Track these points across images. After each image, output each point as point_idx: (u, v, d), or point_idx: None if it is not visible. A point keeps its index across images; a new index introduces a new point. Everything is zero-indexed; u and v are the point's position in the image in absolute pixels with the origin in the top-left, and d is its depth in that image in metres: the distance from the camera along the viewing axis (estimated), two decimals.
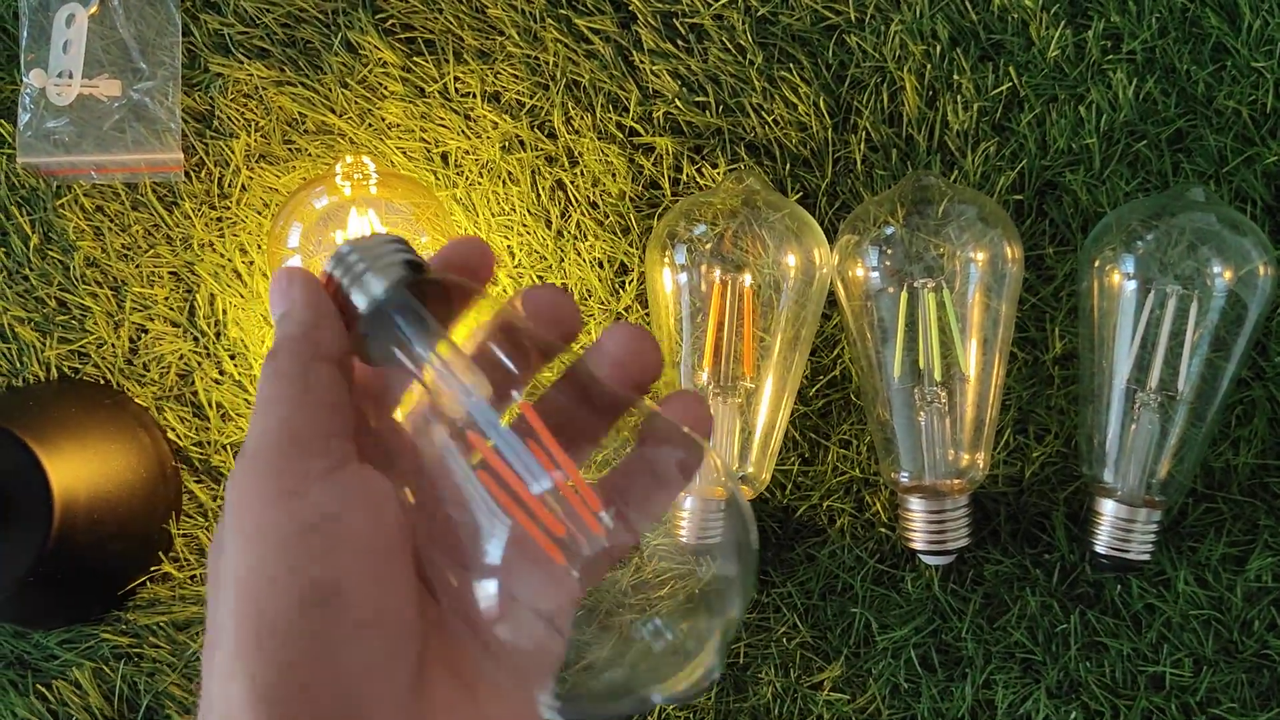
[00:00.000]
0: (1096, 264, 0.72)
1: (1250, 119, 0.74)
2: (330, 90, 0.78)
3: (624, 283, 0.76)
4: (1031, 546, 0.74)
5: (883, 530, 0.75)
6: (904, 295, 0.70)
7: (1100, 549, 0.72)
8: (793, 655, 0.74)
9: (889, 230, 0.71)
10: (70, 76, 0.76)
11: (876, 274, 0.71)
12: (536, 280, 0.76)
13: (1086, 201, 0.75)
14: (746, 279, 0.71)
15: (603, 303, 0.76)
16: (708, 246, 0.71)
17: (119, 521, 0.72)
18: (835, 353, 0.75)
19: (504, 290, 0.76)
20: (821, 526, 0.75)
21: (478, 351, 0.41)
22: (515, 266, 0.76)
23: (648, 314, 0.75)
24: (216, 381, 0.77)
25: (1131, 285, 0.70)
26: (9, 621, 0.76)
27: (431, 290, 0.40)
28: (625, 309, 0.76)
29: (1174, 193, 0.72)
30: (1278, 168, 0.74)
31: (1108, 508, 0.71)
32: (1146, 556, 0.71)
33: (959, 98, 0.75)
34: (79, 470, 0.69)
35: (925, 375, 0.71)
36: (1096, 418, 0.72)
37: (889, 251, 0.71)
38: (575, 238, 0.76)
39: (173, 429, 0.77)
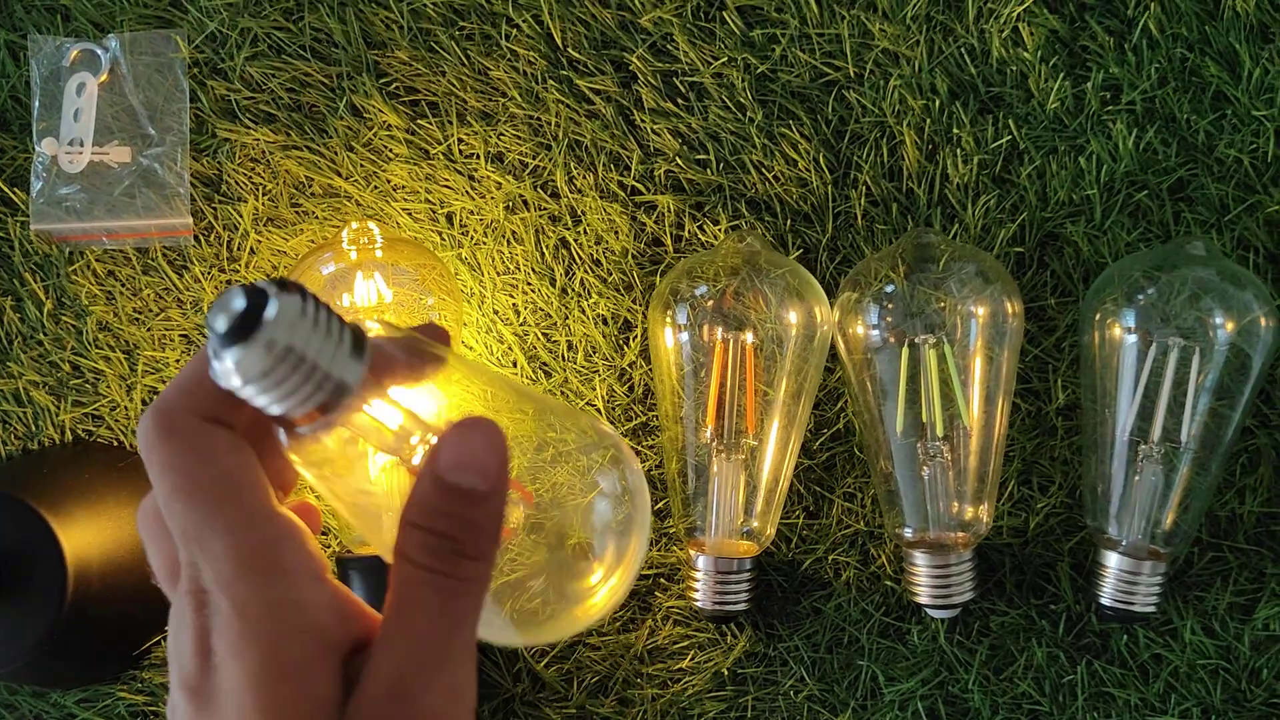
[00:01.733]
0: (1098, 316, 0.72)
1: (1251, 167, 0.74)
2: (336, 153, 0.79)
3: (627, 339, 0.77)
4: (1037, 597, 0.75)
5: (888, 583, 0.75)
6: (905, 351, 0.71)
7: (1105, 601, 0.72)
8: (800, 708, 0.75)
9: (889, 287, 0.72)
10: (81, 144, 0.78)
11: (877, 330, 0.71)
12: (541, 338, 0.77)
13: (1088, 252, 0.75)
14: (749, 337, 0.71)
15: (607, 359, 0.77)
16: (709, 304, 0.72)
17: (133, 583, 0.73)
18: (838, 406, 0.76)
19: (506, 348, 0.77)
20: (827, 579, 0.76)
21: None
22: (521, 324, 0.77)
23: (650, 370, 0.75)
24: None
25: (1133, 338, 0.71)
26: (27, 683, 0.77)
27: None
28: (630, 365, 0.77)
29: (1174, 246, 0.73)
30: (1279, 217, 0.74)
31: (1112, 560, 0.71)
32: (1152, 608, 0.71)
33: (959, 151, 0.76)
34: (92, 536, 0.70)
35: (928, 430, 0.71)
36: (1100, 469, 0.72)
37: (889, 307, 0.71)
38: (579, 295, 0.77)
39: None
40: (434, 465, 0.39)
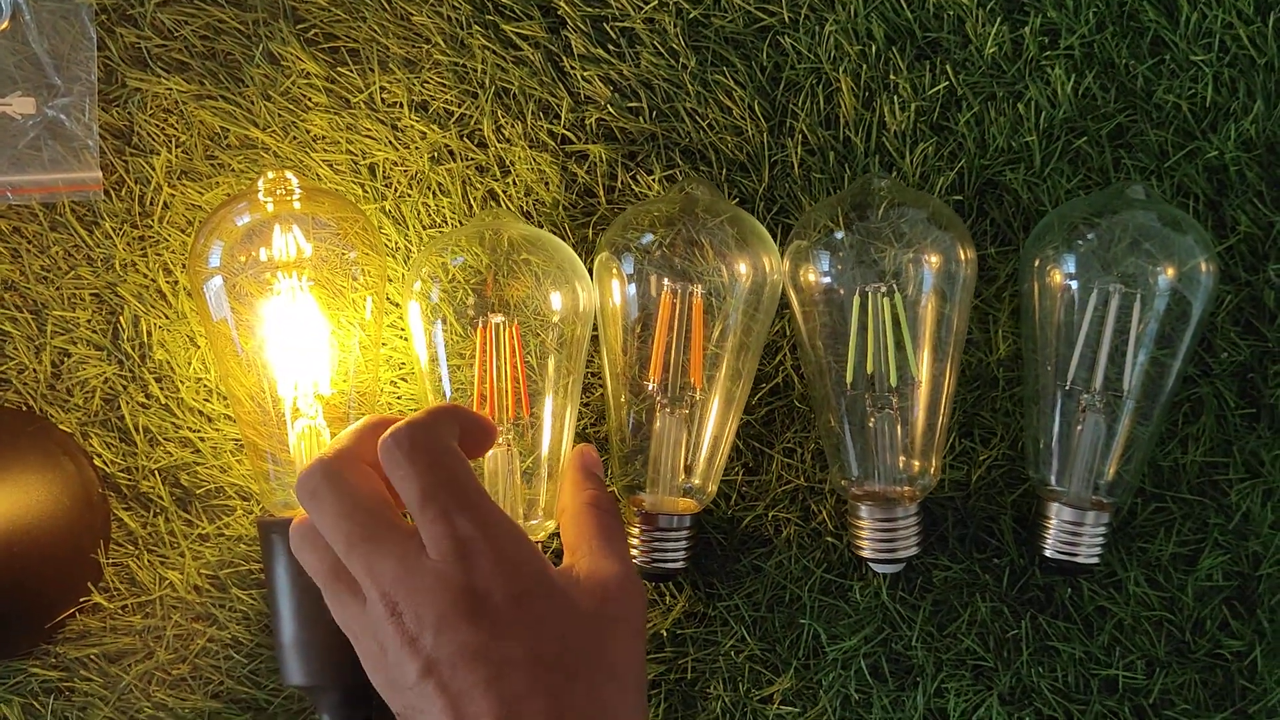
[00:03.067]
0: (1038, 264, 0.71)
1: (1190, 113, 0.73)
2: (253, 103, 0.75)
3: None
4: (980, 551, 0.73)
5: (830, 539, 0.73)
6: (856, 300, 0.69)
7: (1049, 553, 0.71)
8: (741, 669, 0.73)
9: (839, 235, 0.70)
10: None
11: (828, 279, 0.70)
12: (471, 293, 0.74)
13: (1028, 200, 0.74)
14: (696, 288, 0.69)
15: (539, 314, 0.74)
16: (656, 255, 0.70)
17: (45, 552, 0.70)
18: (777, 359, 0.74)
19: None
20: (768, 537, 0.74)
21: None
22: (450, 282, 0.74)
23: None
24: (143, 405, 0.75)
25: (1073, 285, 0.69)
26: None
27: None
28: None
29: (1115, 190, 0.72)
30: (1218, 162, 0.73)
31: (1055, 511, 0.70)
32: (1096, 559, 0.70)
33: (896, 98, 0.74)
34: (2, 501, 0.67)
35: (877, 381, 0.69)
36: (1042, 420, 0.71)
37: (840, 256, 0.70)
38: (509, 250, 0.75)
39: (99, 455, 0.75)
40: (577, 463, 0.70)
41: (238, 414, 0.71)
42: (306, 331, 0.69)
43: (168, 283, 0.75)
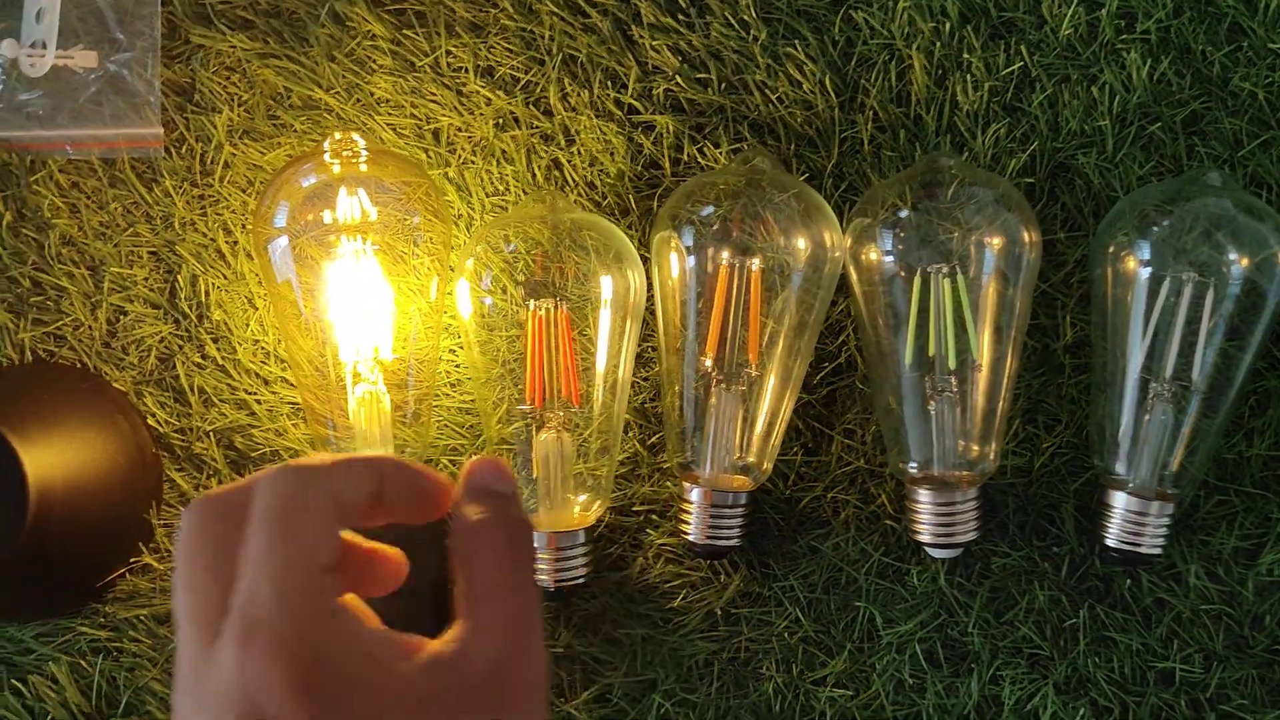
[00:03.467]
0: (1110, 250, 0.69)
1: (1266, 101, 0.72)
2: (317, 64, 0.74)
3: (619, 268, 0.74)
4: (1040, 539, 0.72)
5: (888, 522, 0.73)
6: (917, 280, 0.68)
7: (1111, 542, 0.70)
8: (795, 650, 0.72)
9: (903, 213, 0.69)
10: (44, 47, 0.73)
11: (890, 258, 0.69)
12: (532, 265, 0.73)
13: (1099, 185, 0.73)
14: (755, 263, 0.68)
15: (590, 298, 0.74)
16: (714, 228, 0.69)
17: (97, 511, 0.69)
18: (840, 339, 0.73)
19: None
20: (825, 518, 0.73)
21: None
22: (510, 251, 0.73)
23: (651, 296, 0.72)
24: (199, 366, 0.74)
25: (1146, 272, 0.68)
26: None
27: None
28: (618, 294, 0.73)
29: (1189, 177, 0.70)
30: None
31: (1119, 500, 0.69)
32: (1158, 550, 0.69)
33: (969, 77, 0.73)
34: (55, 458, 0.66)
35: (937, 363, 0.68)
36: (1108, 408, 0.70)
37: (903, 235, 0.69)
38: (563, 233, 0.74)
39: (153, 415, 0.74)
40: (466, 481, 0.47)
41: (297, 378, 0.70)
42: (369, 296, 0.68)
43: (227, 243, 0.74)
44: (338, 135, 0.68)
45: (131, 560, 0.73)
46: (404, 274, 0.70)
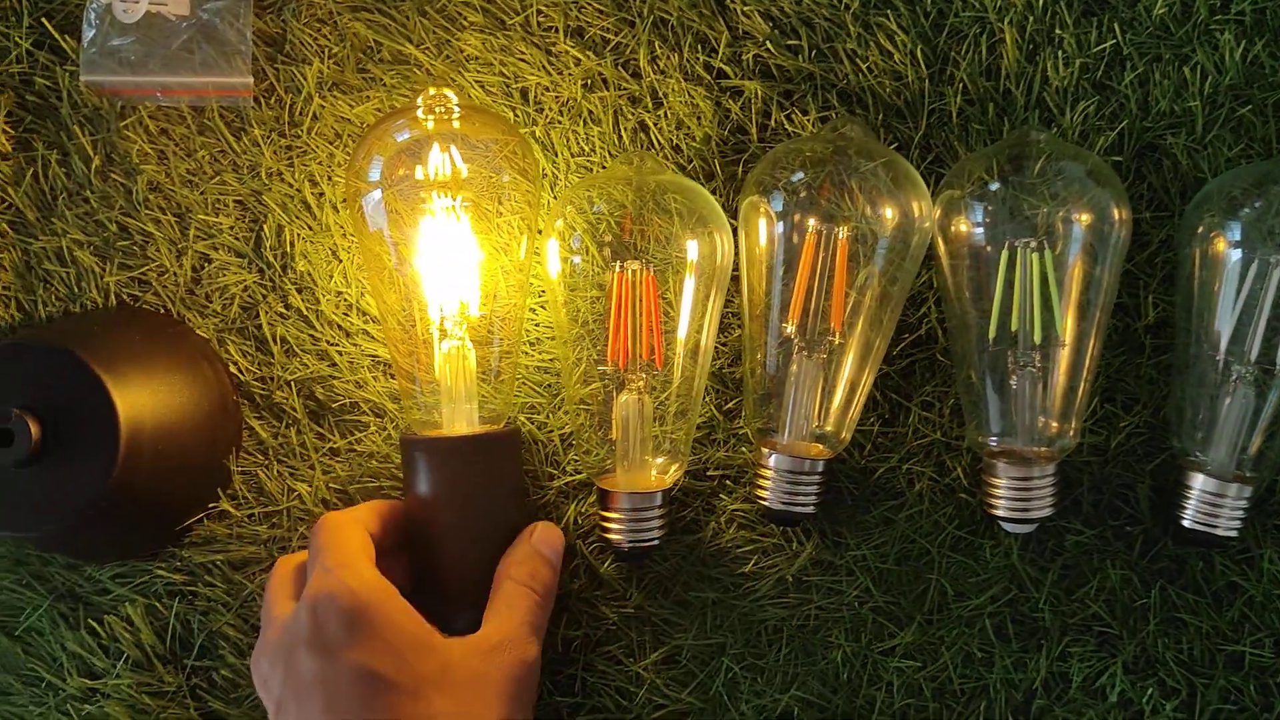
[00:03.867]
0: (1199, 231, 0.69)
1: None
2: (408, 18, 0.75)
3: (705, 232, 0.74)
4: (1114, 518, 0.72)
5: (963, 496, 0.73)
6: (1004, 254, 0.68)
7: (1187, 523, 0.70)
8: (864, 620, 0.73)
9: (993, 185, 0.69)
10: None
11: (980, 230, 0.68)
12: (614, 226, 0.73)
13: (1186, 166, 0.72)
14: (842, 231, 0.68)
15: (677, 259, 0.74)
16: (802, 195, 0.69)
17: (180, 456, 0.70)
18: (921, 311, 0.73)
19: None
20: (900, 490, 0.73)
21: None
22: (594, 212, 0.73)
23: (736, 261, 0.72)
24: (281, 315, 0.75)
25: (1235, 254, 0.68)
26: (63, 553, 0.74)
27: None
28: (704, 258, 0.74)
29: (1279, 160, 0.70)
30: None
31: (1197, 481, 0.69)
32: (1234, 533, 0.69)
33: (1060, 53, 0.73)
34: (145, 400, 0.67)
35: (1020, 338, 0.68)
36: (1189, 389, 0.69)
37: (992, 208, 0.68)
38: (651, 194, 0.74)
39: (234, 362, 0.75)
40: (533, 536, 0.69)
41: (384, 332, 0.70)
42: (458, 252, 0.68)
43: (313, 194, 0.74)
44: (431, 91, 0.68)
45: (210, 506, 0.74)
46: (491, 231, 0.70)
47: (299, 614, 0.61)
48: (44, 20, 0.76)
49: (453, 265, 0.68)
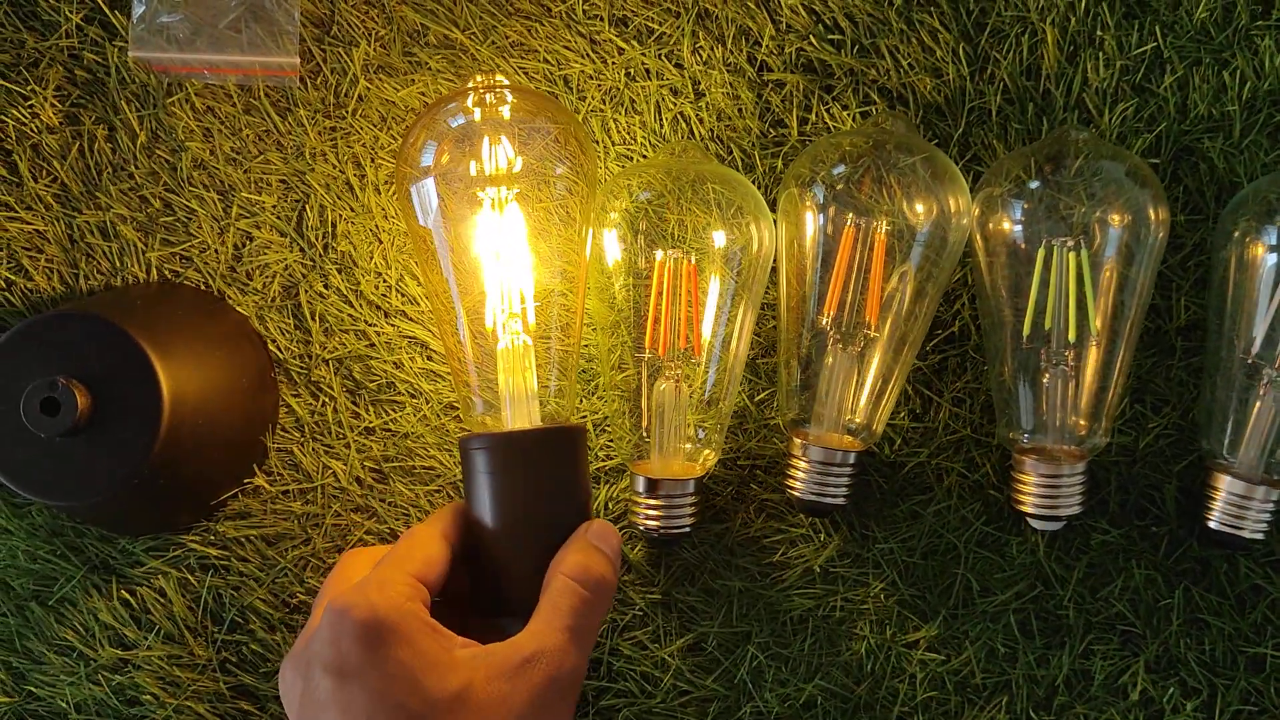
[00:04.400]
0: (1236, 233, 0.70)
1: None
2: (455, 3, 0.75)
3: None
4: (1140, 519, 0.73)
5: (991, 492, 0.73)
6: (1041, 252, 0.68)
7: (1214, 524, 0.70)
8: (890, 612, 0.73)
9: (1033, 184, 0.69)
10: None
11: (1017, 228, 0.69)
12: (654, 215, 0.74)
13: (1223, 170, 0.73)
14: (880, 225, 0.69)
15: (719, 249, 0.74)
16: (840, 189, 0.69)
17: (220, 430, 0.71)
18: (955, 307, 0.74)
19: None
20: (929, 484, 0.74)
21: None
22: (633, 200, 0.74)
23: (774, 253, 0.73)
24: (321, 295, 0.75)
25: (1270, 259, 0.69)
26: (100, 525, 0.75)
27: None
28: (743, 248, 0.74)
29: None
30: None
31: (1224, 483, 0.70)
32: (1260, 535, 0.70)
33: (1100, 54, 0.73)
34: (187, 374, 0.68)
35: (1054, 336, 0.69)
36: (1219, 392, 0.70)
37: (1030, 207, 0.69)
38: (693, 183, 0.74)
39: (273, 340, 0.75)
40: (589, 531, 0.64)
41: (438, 326, 0.70)
42: (513, 246, 0.68)
43: (356, 176, 0.75)
44: (479, 77, 0.68)
45: (245, 481, 0.74)
46: (548, 224, 0.69)
47: (321, 628, 0.58)
48: None
49: (507, 260, 0.67)
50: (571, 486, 0.66)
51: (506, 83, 0.68)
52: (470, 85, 0.68)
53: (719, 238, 0.70)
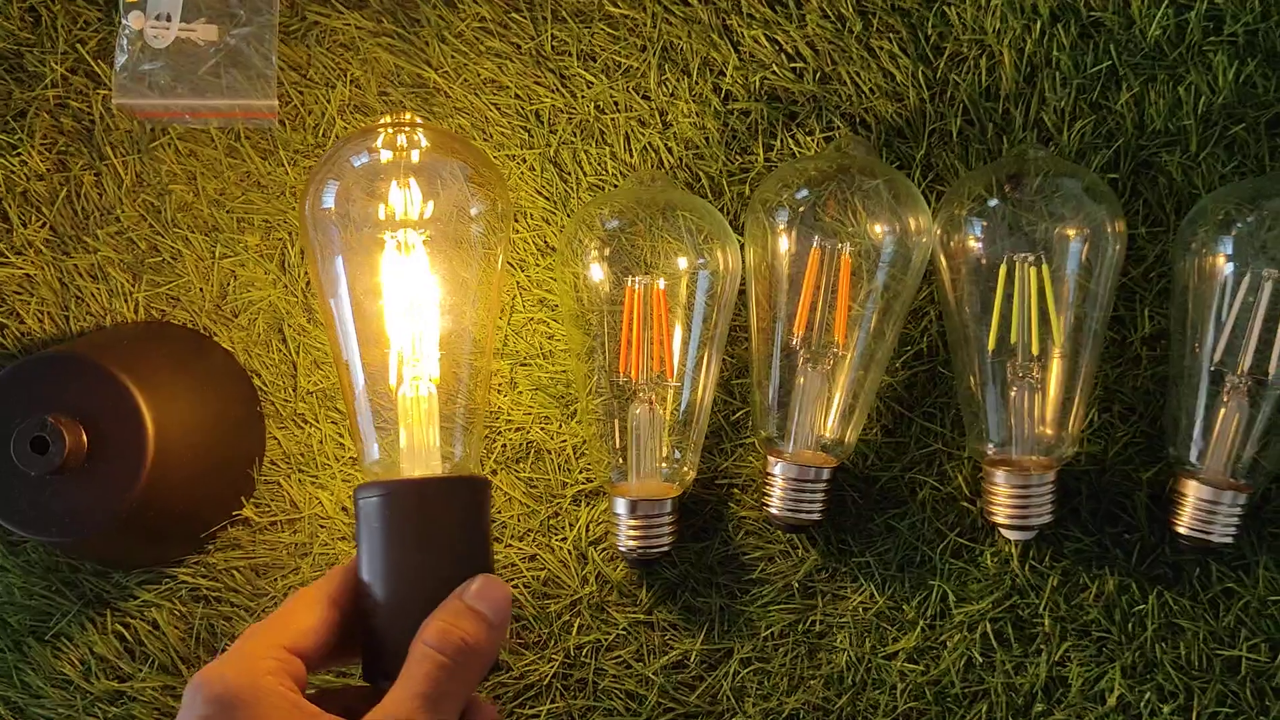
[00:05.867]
0: (1192, 245, 0.71)
1: None
2: (427, 44, 0.78)
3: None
4: (1112, 525, 0.74)
5: (964, 504, 0.75)
6: (1003, 268, 0.70)
7: (1183, 530, 0.72)
8: (869, 624, 0.75)
9: (992, 202, 0.71)
10: (168, 20, 0.76)
11: (979, 245, 0.71)
12: (625, 242, 0.76)
13: (1181, 183, 0.75)
14: (845, 247, 0.71)
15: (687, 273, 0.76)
16: (805, 212, 0.71)
17: (208, 464, 0.73)
18: (922, 325, 0.75)
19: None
20: (903, 498, 0.75)
21: None
22: (604, 228, 0.76)
23: (743, 276, 0.74)
24: (304, 329, 0.77)
25: (1228, 268, 0.70)
26: (93, 559, 0.76)
27: None
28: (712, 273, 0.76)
29: (1272, 176, 0.72)
30: None
31: (1192, 489, 0.71)
32: (1230, 539, 0.71)
33: (1057, 74, 0.75)
34: (173, 411, 0.70)
35: (1019, 350, 0.71)
36: (1184, 399, 0.71)
37: (990, 224, 0.71)
38: (661, 211, 0.76)
39: (258, 375, 0.77)
40: (466, 592, 0.59)
41: (337, 369, 0.68)
42: (417, 289, 0.66)
43: None
44: (390, 118, 0.66)
45: (234, 513, 0.76)
46: (458, 265, 0.67)
47: (183, 702, 0.56)
48: (78, 46, 0.79)
49: (411, 303, 0.65)
50: (466, 544, 0.62)
51: (419, 122, 0.67)
52: (380, 123, 0.67)
53: (688, 263, 0.72)
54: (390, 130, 0.67)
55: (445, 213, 0.67)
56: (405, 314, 0.65)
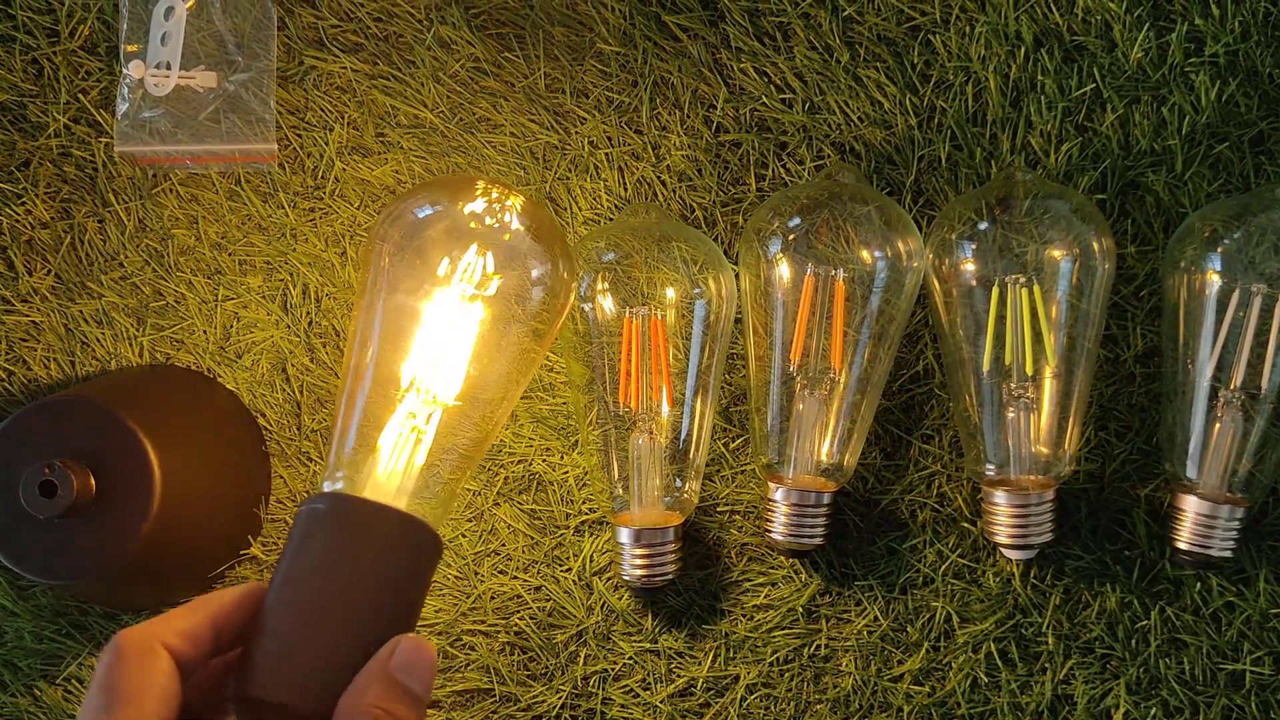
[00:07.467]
0: (1181, 263, 0.72)
1: None
2: (423, 85, 0.79)
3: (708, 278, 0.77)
4: (1112, 543, 0.75)
5: (964, 525, 0.75)
6: (995, 290, 0.71)
7: (1182, 545, 0.72)
8: (874, 647, 0.75)
9: (982, 225, 0.72)
10: (168, 68, 0.78)
11: (970, 268, 0.72)
12: (621, 274, 0.77)
13: (1168, 202, 0.76)
14: (839, 273, 0.72)
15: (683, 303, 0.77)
16: (798, 239, 0.72)
17: (214, 505, 0.74)
18: (918, 348, 0.76)
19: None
20: (903, 520, 0.76)
21: None
22: (604, 260, 0.77)
23: (739, 304, 0.75)
24: (307, 369, 0.78)
25: (1217, 284, 0.71)
26: (101, 602, 0.77)
27: None
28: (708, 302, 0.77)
29: (1258, 193, 0.73)
30: None
31: (1190, 504, 0.72)
32: (1229, 553, 0.72)
33: (1043, 98, 0.76)
34: (179, 453, 0.70)
35: (1014, 370, 0.71)
36: (1179, 415, 0.72)
37: (981, 247, 0.72)
38: (656, 242, 0.77)
39: (262, 415, 0.78)
40: (395, 660, 0.53)
41: (342, 371, 0.65)
42: (454, 335, 0.64)
43: (336, 254, 0.78)
44: (494, 194, 0.65)
45: (240, 552, 0.77)
46: (501, 332, 0.66)
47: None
48: (80, 96, 0.80)
49: (444, 345, 0.64)
50: (401, 590, 0.56)
51: (519, 205, 0.66)
52: (480, 190, 0.66)
53: (684, 293, 0.73)
54: (486, 204, 0.65)
55: (507, 290, 0.65)
56: (434, 364, 0.63)
